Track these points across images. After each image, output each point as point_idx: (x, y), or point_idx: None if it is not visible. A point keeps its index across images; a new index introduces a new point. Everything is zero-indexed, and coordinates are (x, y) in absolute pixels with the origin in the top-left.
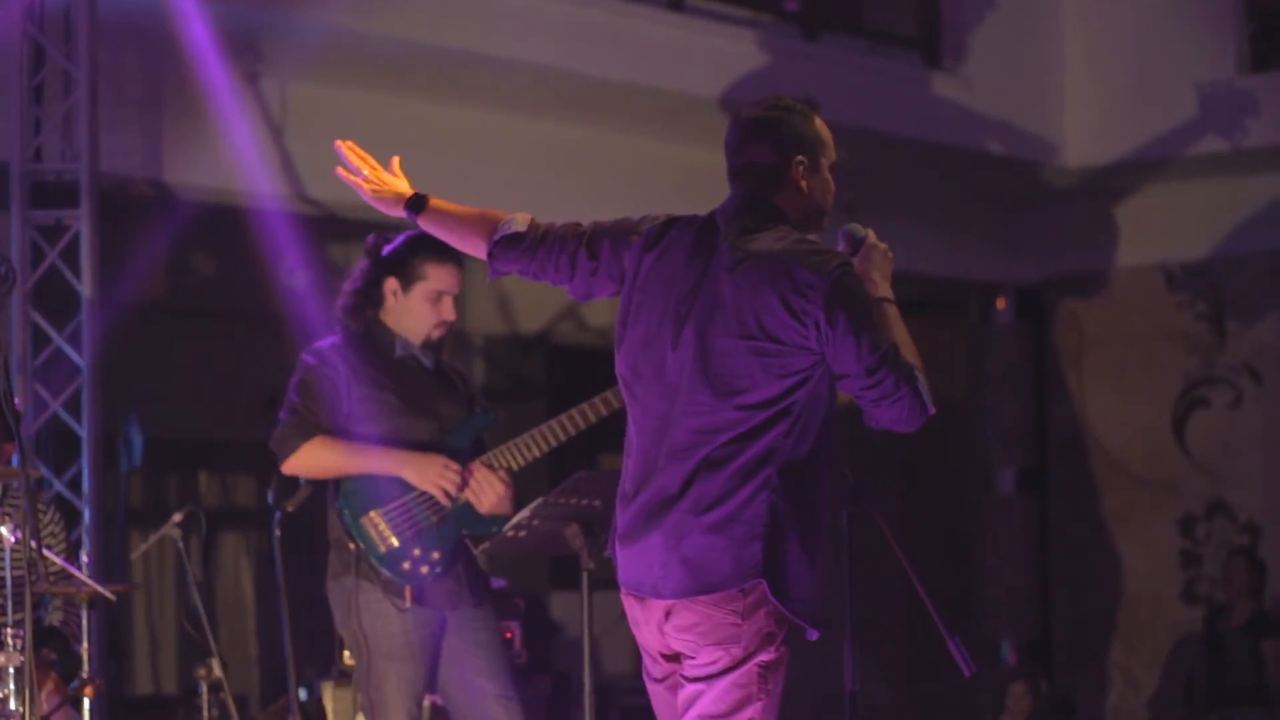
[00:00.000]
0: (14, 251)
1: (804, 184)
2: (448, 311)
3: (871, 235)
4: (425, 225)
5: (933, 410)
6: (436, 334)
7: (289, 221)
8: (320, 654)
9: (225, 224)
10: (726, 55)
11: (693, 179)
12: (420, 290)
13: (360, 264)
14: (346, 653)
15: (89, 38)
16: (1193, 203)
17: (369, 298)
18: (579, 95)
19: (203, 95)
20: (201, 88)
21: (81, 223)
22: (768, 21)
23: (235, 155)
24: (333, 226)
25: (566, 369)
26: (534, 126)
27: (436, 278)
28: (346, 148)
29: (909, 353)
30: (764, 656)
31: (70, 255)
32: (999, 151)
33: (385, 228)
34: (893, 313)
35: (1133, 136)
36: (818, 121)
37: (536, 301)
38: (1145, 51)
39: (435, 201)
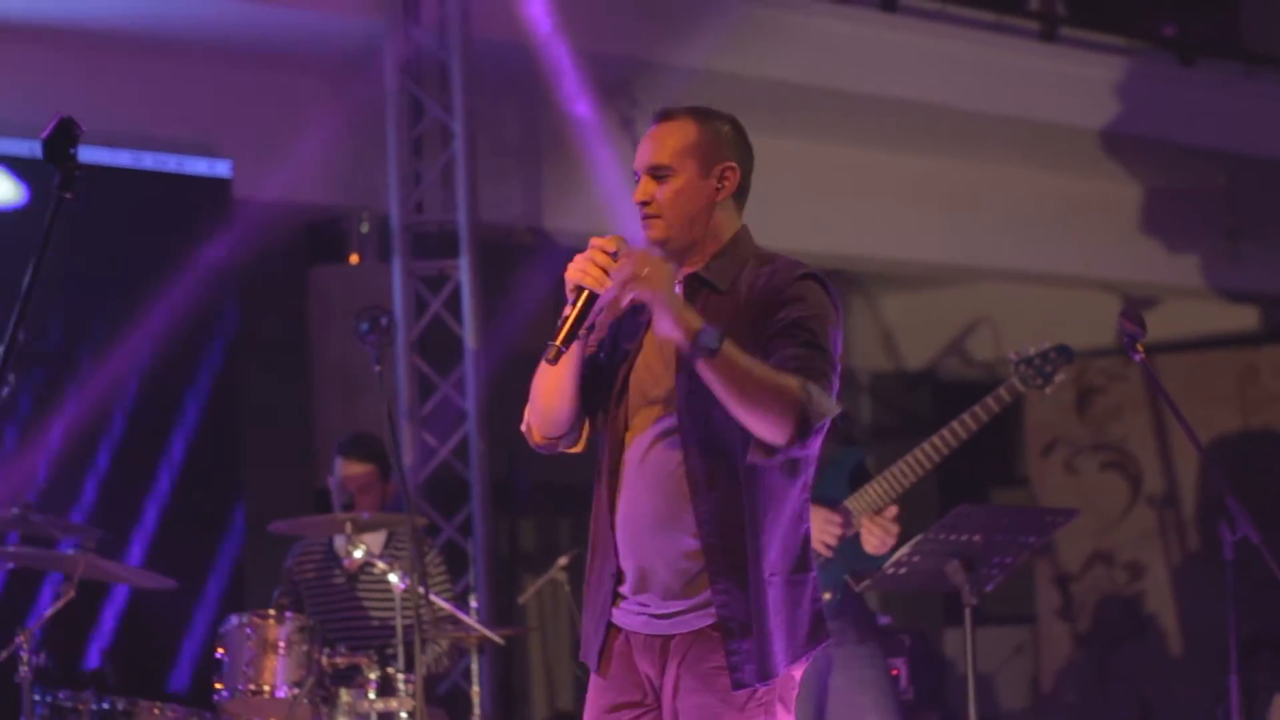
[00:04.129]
0: (397, 302)
1: None
2: None
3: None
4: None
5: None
6: None
7: None
8: None
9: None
10: (1100, 84)
11: (1070, 209)
12: None
13: None
14: None
15: (465, 90)
16: None
17: None
18: (952, 129)
19: (579, 142)
20: (577, 135)
21: (463, 272)
22: (1142, 48)
23: (613, 200)
24: None
25: (953, 404)
26: (907, 162)
27: None
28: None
29: None
30: None
31: (453, 304)
32: None
33: None
34: None
35: None
36: None
37: (921, 337)
38: None
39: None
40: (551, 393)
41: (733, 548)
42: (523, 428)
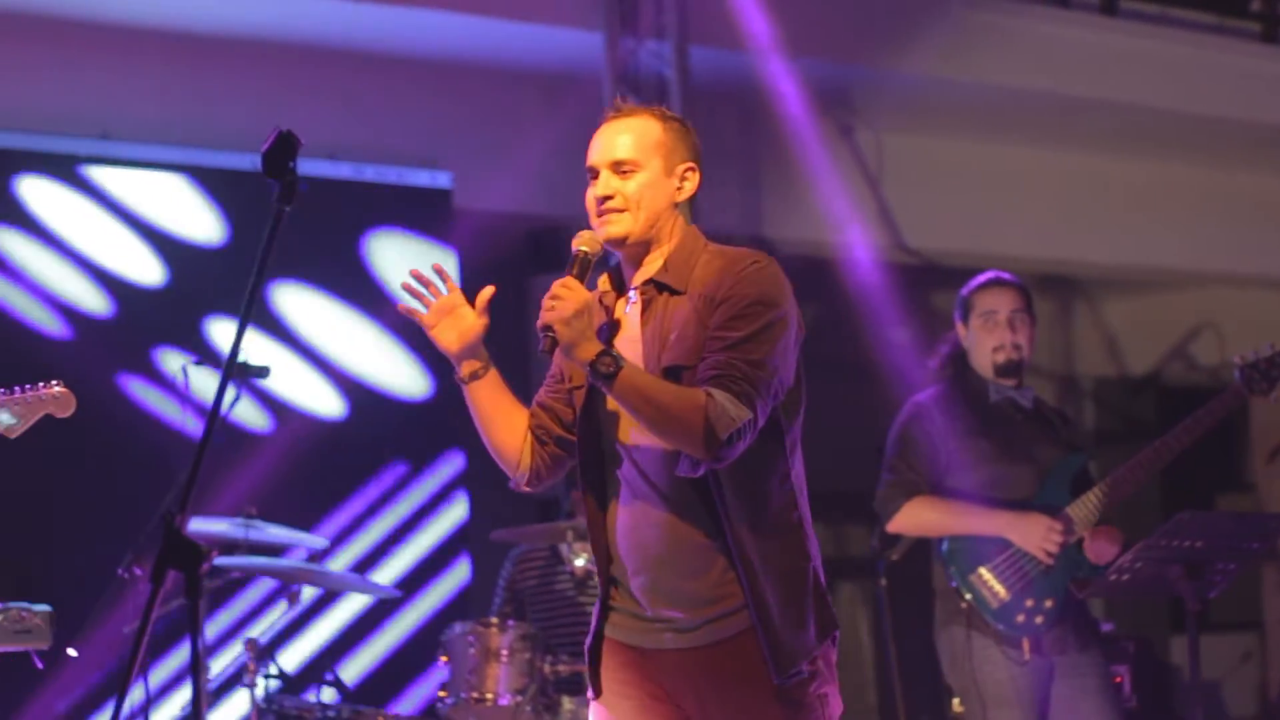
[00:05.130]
0: None
1: None
2: (1001, 333)
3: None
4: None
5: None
6: (999, 358)
7: (887, 271)
8: (932, 702)
9: (823, 276)
10: None
11: None
12: (975, 320)
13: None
14: (956, 700)
15: (682, 100)
16: None
17: (957, 353)
18: (1174, 132)
19: (797, 150)
20: (796, 143)
21: None
22: None
23: (831, 208)
24: (933, 275)
25: (1177, 410)
26: (1129, 166)
27: (982, 300)
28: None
29: None
30: None
31: None
32: None
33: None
34: None
35: None
36: None
37: (1145, 343)
38: None
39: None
40: (484, 428)
41: (745, 546)
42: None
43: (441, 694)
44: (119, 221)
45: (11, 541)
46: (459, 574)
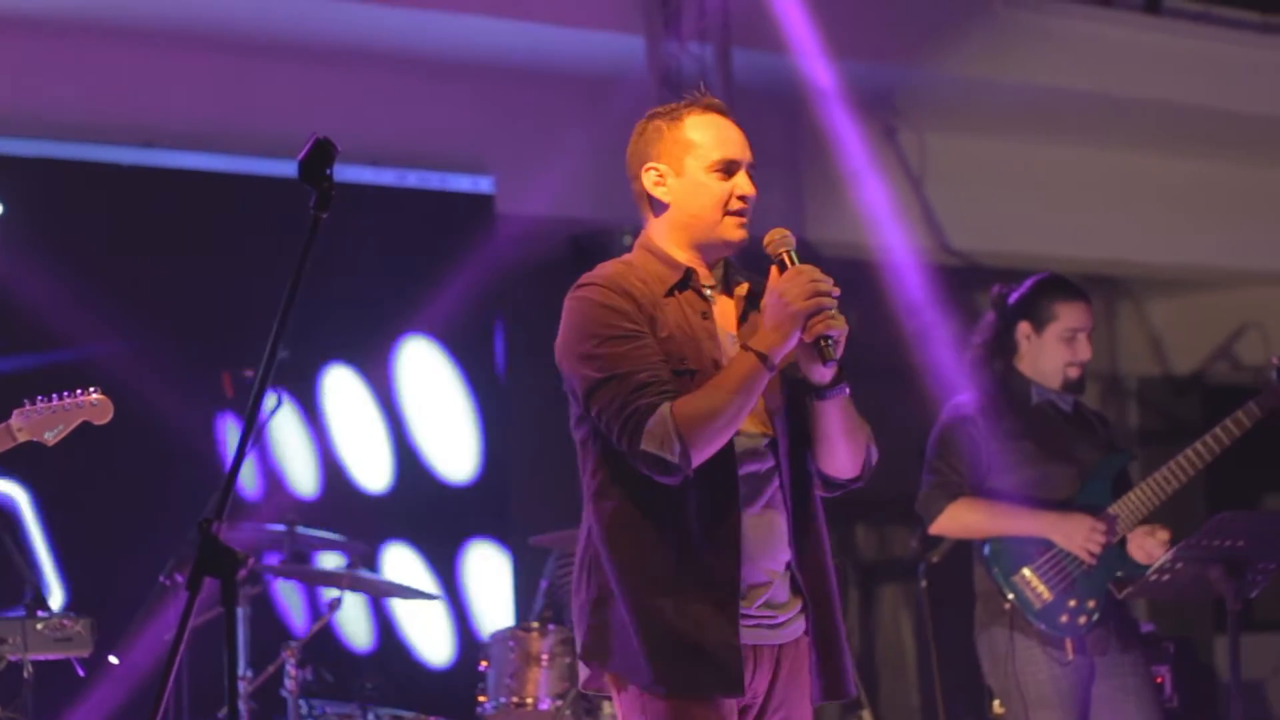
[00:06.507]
0: None
1: (661, 194)
2: (1083, 350)
3: (788, 260)
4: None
5: (671, 479)
6: (1073, 373)
7: (930, 273)
8: (973, 703)
9: (866, 278)
10: None
11: None
12: (1053, 331)
13: (987, 316)
14: (996, 702)
15: (725, 101)
16: None
17: (1000, 347)
18: (1217, 131)
19: (840, 152)
20: (838, 144)
21: None
22: None
23: (874, 210)
24: (975, 277)
25: (1221, 410)
26: (1173, 165)
27: (1069, 316)
28: None
29: (684, 408)
30: None
31: None
32: None
33: (1023, 276)
34: (734, 367)
35: None
36: (687, 120)
37: (1189, 342)
38: None
39: None
40: (747, 407)
41: (819, 555)
42: (671, 457)
43: (481, 698)
44: None
45: (59, 550)
46: (500, 578)
